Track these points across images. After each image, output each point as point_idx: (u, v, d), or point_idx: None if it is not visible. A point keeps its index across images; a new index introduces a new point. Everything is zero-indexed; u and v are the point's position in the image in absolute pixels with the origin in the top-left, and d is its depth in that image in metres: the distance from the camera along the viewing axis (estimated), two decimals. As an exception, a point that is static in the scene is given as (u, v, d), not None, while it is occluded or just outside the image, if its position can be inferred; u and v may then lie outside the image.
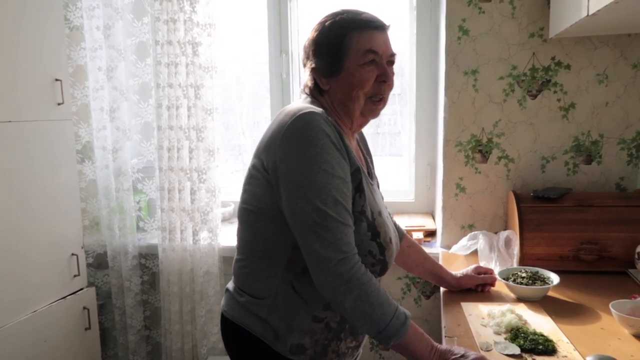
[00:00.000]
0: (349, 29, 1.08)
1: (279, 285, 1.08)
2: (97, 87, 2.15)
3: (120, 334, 2.29)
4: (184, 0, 2.00)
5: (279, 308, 1.08)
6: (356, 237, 1.03)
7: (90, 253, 2.25)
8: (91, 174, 2.23)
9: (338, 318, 1.11)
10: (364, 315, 0.99)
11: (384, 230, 1.10)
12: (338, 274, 0.96)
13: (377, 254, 1.07)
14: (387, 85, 1.11)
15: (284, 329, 1.08)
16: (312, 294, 1.05)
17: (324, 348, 1.11)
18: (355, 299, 0.97)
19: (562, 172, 1.83)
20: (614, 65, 1.74)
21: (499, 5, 1.78)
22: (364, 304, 0.98)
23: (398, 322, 1.00)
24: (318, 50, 1.10)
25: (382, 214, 1.12)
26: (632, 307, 1.19)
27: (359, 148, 1.26)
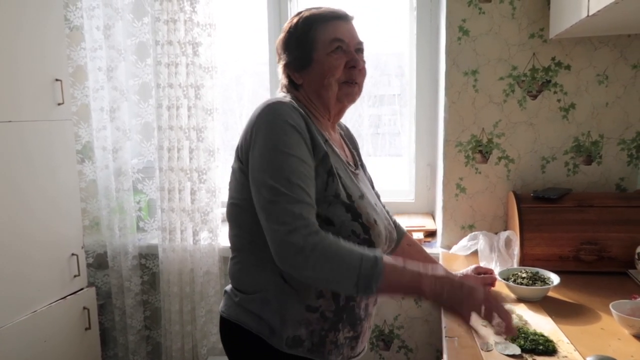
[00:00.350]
0: (314, 22, 1.14)
1: (269, 278, 1.08)
2: (97, 87, 2.15)
3: (121, 334, 2.29)
4: (184, 1, 2.00)
5: (271, 301, 1.08)
6: (336, 219, 1.05)
7: (90, 253, 2.25)
8: (91, 174, 2.23)
9: (334, 307, 1.10)
10: (330, 277, 0.97)
11: (366, 212, 1.10)
12: (290, 245, 0.95)
13: (360, 233, 1.07)
14: (357, 70, 1.14)
15: (278, 322, 1.08)
16: (303, 282, 1.06)
17: (321, 339, 1.10)
18: (314, 264, 0.95)
19: (562, 172, 1.83)
20: (614, 66, 1.74)
21: (499, 6, 1.78)
22: (325, 265, 0.95)
23: (368, 266, 0.95)
24: (288, 47, 1.16)
25: (364, 197, 1.12)
26: (632, 307, 1.19)
27: (342, 141, 1.29)
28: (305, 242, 0.95)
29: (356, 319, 1.14)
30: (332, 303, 1.09)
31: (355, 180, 1.17)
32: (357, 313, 1.13)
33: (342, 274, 0.96)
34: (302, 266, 0.96)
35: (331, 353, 1.11)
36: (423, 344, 2.07)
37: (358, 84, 1.16)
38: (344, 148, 1.26)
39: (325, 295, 1.08)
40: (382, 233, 1.13)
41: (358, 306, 1.13)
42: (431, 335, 2.05)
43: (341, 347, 1.13)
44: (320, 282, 1.01)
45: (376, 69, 2.35)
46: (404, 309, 2.05)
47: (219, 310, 1.19)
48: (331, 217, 1.05)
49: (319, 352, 1.10)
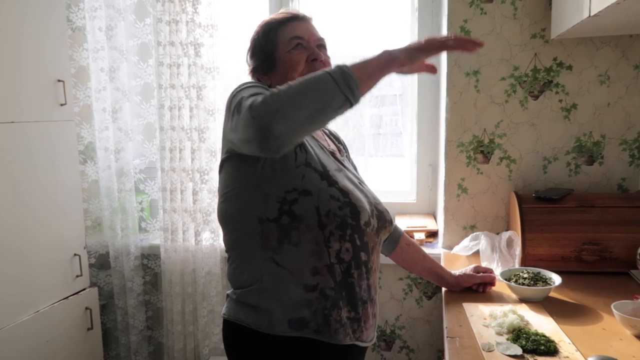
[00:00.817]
0: (272, 26, 1.22)
1: (262, 267, 1.09)
2: (100, 88, 2.16)
3: (123, 335, 2.30)
4: (186, 2, 2.01)
5: (268, 289, 1.09)
6: (313, 187, 1.07)
7: (92, 253, 2.25)
8: (93, 175, 2.24)
9: (332, 283, 1.09)
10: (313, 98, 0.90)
11: (342, 181, 1.12)
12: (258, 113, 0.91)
13: (340, 197, 1.08)
14: (319, 63, 1.18)
15: (278, 308, 1.08)
16: (295, 261, 1.07)
17: (325, 318, 1.08)
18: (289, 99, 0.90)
19: (563, 172, 1.83)
20: (616, 66, 1.74)
21: (500, 6, 1.78)
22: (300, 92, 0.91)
23: (336, 71, 0.92)
24: (253, 53, 1.25)
25: (342, 172, 1.16)
26: (634, 308, 1.19)
27: (325, 135, 1.32)
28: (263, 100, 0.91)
29: (357, 299, 1.12)
30: (330, 279, 1.08)
31: (335, 160, 1.20)
32: (358, 292, 1.12)
33: (321, 89, 0.90)
34: (280, 109, 0.90)
35: (338, 332, 1.10)
36: (424, 344, 2.07)
37: None
38: (326, 139, 1.30)
39: (320, 272, 1.08)
40: (362, 200, 1.13)
41: (357, 284, 1.12)
42: (432, 336, 2.05)
43: (346, 327, 1.11)
44: (308, 110, 0.90)
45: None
46: (406, 309, 2.06)
47: (221, 314, 1.20)
48: (307, 187, 1.07)
49: (325, 332, 1.09)
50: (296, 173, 1.08)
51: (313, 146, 1.16)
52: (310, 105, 0.90)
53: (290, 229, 1.07)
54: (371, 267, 1.16)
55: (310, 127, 0.95)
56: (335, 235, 1.08)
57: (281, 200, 1.07)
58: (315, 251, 1.07)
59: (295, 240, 1.07)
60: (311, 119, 0.92)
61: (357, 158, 1.44)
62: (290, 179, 1.07)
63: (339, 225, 1.07)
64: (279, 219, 1.07)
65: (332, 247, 1.08)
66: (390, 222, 1.25)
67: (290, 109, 0.90)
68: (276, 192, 1.07)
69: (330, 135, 1.36)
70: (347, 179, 1.16)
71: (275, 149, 0.93)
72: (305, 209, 1.06)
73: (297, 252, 1.07)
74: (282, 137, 0.91)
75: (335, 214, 1.07)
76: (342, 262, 1.09)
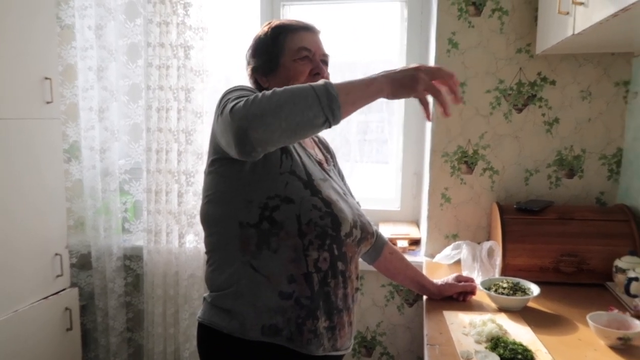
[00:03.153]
0: (283, 30, 1.20)
1: (240, 270, 1.09)
2: (87, 87, 2.15)
3: (102, 336, 2.28)
4: (177, 4, 2.01)
5: (244, 294, 1.09)
6: (296, 195, 1.08)
7: (74, 253, 2.23)
8: (77, 174, 2.22)
9: (309, 292, 1.09)
10: (293, 111, 0.91)
11: (326, 191, 1.13)
12: (238, 116, 0.92)
13: (322, 207, 1.09)
14: (321, 77, 1.18)
15: (252, 313, 1.08)
16: (272, 268, 1.08)
17: (298, 328, 1.08)
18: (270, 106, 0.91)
19: (544, 185, 1.87)
20: (597, 83, 1.79)
21: (488, 20, 1.82)
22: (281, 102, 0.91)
23: (320, 87, 0.94)
24: (256, 52, 1.23)
25: (327, 182, 1.17)
26: (608, 319, 1.22)
27: (314, 143, 1.33)
28: (248, 100, 0.93)
29: (333, 308, 1.12)
30: (306, 288, 1.09)
31: (321, 170, 1.20)
32: (334, 302, 1.13)
33: (304, 105, 0.91)
34: (260, 116, 0.91)
35: (310, 343, 1.10)
36: (405, 351, 2.09)
37: None
38: (314, 148, 1.30)
39: (297, 280, 1.08)
40: (345, 211, 1.14)
41: (334, 293, 1.12)
42: (413, 343, 2.07)
43: (321, 338, 1.11)
44: (287, 123, 0.92)
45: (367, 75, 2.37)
46: (387, 316, 2.07)
47: (196, 317, 1.20)
48: (290, 195, 1.08)
49: (298, 341, 1.09)
50: (280, 180, 1.08)
51: (300, 154, 1.16)
52: (290, 119, 0.92)
53: (270, 235, 1.07)
54: (349, 277, 1.16)
55: (287, 139, 0.96)
56: (314, 244, 1.08)
57: (263, 206, 1.07)
58: (293, 259, 1.08)
59: (274, 247, 1.08)
60: (289, 132, 0.93)
61: (342, 164, 1.45)
62: (274, 185, 1.08)
63: (318, 234, 1.08)
64: (259, 225, 1.07)
65: (310, 256, 1.08)
66: (372, 235, 1.26)
67: (270, 118, 0.91)
68: (258, 198, 1.08)
69: (320, 144, 1.37)
70: (331, 189, 1.17)
71: (249, 152, 0.96)
72: (286, 217, 1.07)
73: (275, 259, 1.08)
74: (257, 142, 0.93)
75: (316, 223, 1.07)
76: (319, 271, 1.10)
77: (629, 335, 1.15)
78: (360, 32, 2.28)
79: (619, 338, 1.15)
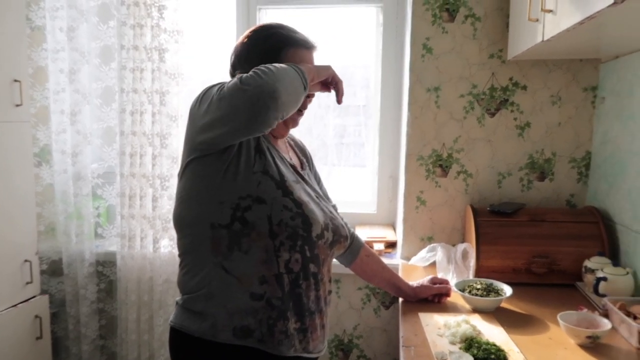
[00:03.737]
0: (285, 44, 1.18)
1: (212, 272, 1.09)
2: (58, 90, 2.10)
3: (74, 344, 2.22)
4: (152, 6, 1.99)
5: (215, 295, 1.09)
6: (267, 196, 1.08)
7: (44, 259, 2.18)
8: (48, 178, 2.17)
9: (280, 293, 1.09)
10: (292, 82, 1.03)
11: (298, 192, 1.14)
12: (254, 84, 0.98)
13: (293, 207, 1.10)
14: (309, 99, 1.22)
15: (223, 315, 1.08)
16: (244, 269, 1.08)
17: (269, 328, 1.08)
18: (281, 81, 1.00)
19: (517, 187, 1.91)
20: (567, 88, 1.84)
21: (461, 27, 1.85)
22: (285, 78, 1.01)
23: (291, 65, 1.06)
24: (251, 57, 1.18)
25: (300, 184, 1.18)
26: (578, 318, 1.25)
27: (290, 148, 1.33)
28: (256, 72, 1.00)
29: (304, 310, 1.12)
30: (278, 289, 1.09)
31: (294, 173, 1.20)
32: (305, 303, 1.13)
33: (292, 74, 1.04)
34: (279, 80, 0.99)
35: (282, 344, 1.10)
36: (381, 354, 2.10)
37: (303, 114, 1.23)
38: (289, 152, 1.29)
39: (268, 281, 1.08)
40: (316, 213, 1.14)
41: (306, 295, 1.12)
42: (389, 345, 2.09)
43: (292, 339, 1.11)
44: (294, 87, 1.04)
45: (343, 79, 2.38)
46: (364, 318, 2.08)
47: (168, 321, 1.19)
48: (261, 195, 1.08)
49: (269, 342, 1.09)
50: (253, 179, 1.09)
51: (273, 155, 1.17)
52: (294, 84, 1.04)
53: (241, 236, 1.07)
54: (321, 279, 1.17)
55: (294, 105, 1.06)
56: (286, 245, 1.09)
57: (234, 207, 1.07)
58: (264, 260, 1.08)
59: (246, 248, 1.08)
60: (296, 97, 1.05)
61: (320, 167, 1.45)
62: (246, 185, 1.08)
63: (289, 235, 1.09)
64: (230, 225, 1.07)
65: (282, 257, 1.09)
66: (345, 238, 1.26)
67: (286, 83, 1.01)
68: (230, 198, 1.08)
69: (296, 148, 1.37)
70: (303, 191, 1.17)
71: (267, 121, 1.01)
72: (258, 217, 1.07)
73: (246, 260, 1.08)
74: (282, 106, 1.01)
75: (287, 224, 1.08)
76: (290, 272, 1.10)
77: (597, 333, 1.18)
78: (337, 37, 2.29)
79: (588, 337, 1.18)
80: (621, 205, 1.61)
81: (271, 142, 1.21)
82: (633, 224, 1.53)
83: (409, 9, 1.90)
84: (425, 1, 1.85)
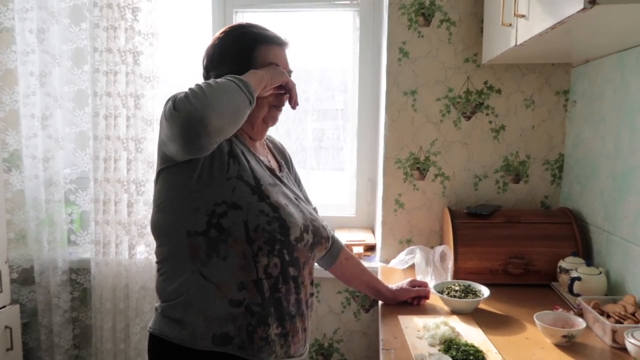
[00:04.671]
0: (257, 41, 1.17)
1: (190, 279, 1.08)
2: (29, 93, 2.04)
3: (46, 354, 2.16)
4: (126, 8, 1.96)
5: (194, 302, 1.08)
6: (243, 201, 1.07)
7: (14, 268, 2.11)
8: (18, 184, 2.11)
9: (259, 299, 1.08)
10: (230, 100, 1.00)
11: (275, 196, 1.13)
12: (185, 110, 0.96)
13: (269, 212, 1.09)
14: (286, 97, 1.21)
15: (202, 323, 1.07)
16: (222, 276, 1.07)
17: (249, 335, 1.08)
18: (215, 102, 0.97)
19: (493, 190, 1.94)
20: (540, 91, 1.87)
21: (436, 31, 1.87)
22: (220, 96, 0.98)
23: (234, 79, 1.03)
24: (224, 58, 1.18)
25: (277, 186, 1.16)
26: (554, 318, 1.28)
27: (268, 150, 1.32)
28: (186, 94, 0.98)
29: (284, 314, 1.12)
30: (257, 294, 1.08)
31: (271, 175, 1.19)
32: (285, 307, 1.12)
33: (232, 90, 1.01)
34: (210, 104, 0.96)
35: (262, 350, 1.09)
36: (362, 357, 2.10)
37: (281, 108, 1.23)
38: (267, 155, 1.28)
39: (247, 287, 1.07)
40: (294, 215, 1.13)
41: (286, 299, 1.12)
42: (369, 348, 2.09)
43: (273, 345, 1.10)
44: (232, 106, 1.00)
45: (321, 83, 2.39)
46: (344, 322, 2.08)
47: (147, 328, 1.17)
48: (237, 200, 1.07)
49: (249, 349, 1.08)
50: (227, 185, 1.08)
51: (249, 159, 1.16)
52: (232, 103, 1.00)
53: (218, 242, 1.06)
54: (302, 282, 1.16)
55: (234, 124, 1.03)
56: (264, 250, 1.08)
57: (210, 213, 1.06)
58: (243, 265, 1.07)
59: (224, 254, 1.07)
60: (234, 116, 1.01)
61: (299, 171, 1.44)
62: (221, 191, 1.07)
63: (267, 240, 1.08)
64: (207, 232, 1.06)
65: (260, 262, 1.08)
66: (327, 239, 1.26)
67: (218, 105, 0.97)
68: (205, 205, 1.07)
69: (274, 150, 1.36)
70: (281, 194, 1.16)
71: (203, 146, 0.98)
72: (234, 223, 1.06)
73: (224, 266, 1.07)
74: (214, 131, 0.97)
75: (263, 229, 1.07)
76: (269, 277, 1.09)
77: (573, 332, 1.20)
78: (314, 41, 2.30)
79: (564, 336, 1.20)
80: (593, 206, 1.65)
81: (247, 144, 1.20)
82: (605, 225, 1.57)
83: (385, 13, 1.92)
84: (401, 5, 1.87)
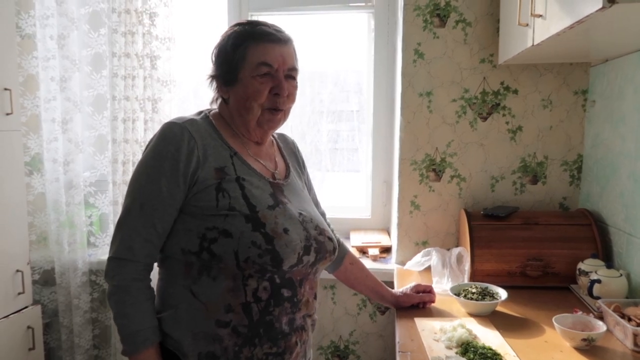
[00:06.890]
0: (244, 40, 1.11)
1: (181, 293, 1.09)
2: (49, 98, 2.09)
3: (67, 354, 2.20)
4: (143, 14, 1.99)
5: (182, 319, 1.08)
6: (235, 229, 1.04)
7: (36, 269, 2.15)
8: (40, 187, 2.15)
9: (247, 322, 1.06)
10: (116, 316, 1.09)
11: (274, 221, 1.07)
12: (107, 271, 1.08)
13: (262, 244, 1.04)
14: (281, 98, 1.12)
15: (189, 340, 1.07)
16: (210, 296, 1.06)
17: (235, 355, 1.06)
18: (116, 301, 1.08)
19: (510, 191, 1.92)
20: (557, 92, 1.85)
21: (452, 32, 1.86)
22: (119, 308, 1.08)
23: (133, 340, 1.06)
24: (218, 59, 1.15)
25: (277, 208, 1.10)
26: (573, 321, 1.26)
27: (278, 152, 1.28)
28: (115, 277, 1.08)
29: (277, 334, 1.08)
30: (245, 317, 1.06)
31: (273, 190, 1.14)
32: (278, 327, 1.08)
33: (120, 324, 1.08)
34: (108, 294, 1.09)
35: None
36: (378, 359, 2.09)
37: (284, 111, 1.15)
38: (273, 160, 1.23)
39: (234, 310, 1.06)
40: (294, 242, 1.08)
41: (278, 320, 1.08)
42: (385, 350, 2.08)
43: None
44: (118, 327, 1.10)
45: (336, 85, 2.39)
46: (360, 324, 2.07)
47: None
48: (229, 228, 1.04)
49: None
50: (217, 215, 1.06)
51: (244, 183, 1.10)
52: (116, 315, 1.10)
53: (211, 263, 1.06)
54: (299, 300, 1.12)
55: None
56: (254, 276, 1.06)
57: (202, 236, 1.05)
58: (231, 288, 1.06)
59: (214, 274, 1.06)
60: None
61: (314, 173, 1.44)
62: (212, 218, 1.05)
63: (258, 270, 1.05)
64: (199, 254, 1.06)
65: (249, 286, 1.06)
66: (332, 252, 1.19)
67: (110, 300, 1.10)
68: (197, 227, 1.06)
69: (284, 150, 1.31)
70: (282, 216, 1.10)
71: None
72: (224, 251, 1.04)
73: (213, 287, 1.06)
74: None
75: (254, 261, 1.03)
76: (259, 300, 1.06)
77: (592, 336, 1.18)
78: (329, 42, 2.30)
79: (584, 339, 1.18)
80: (613, 207, 1.63)
81: (251, 152, 1.16)
82: (625, 226, 1.54)
83: (400, 14, 1.91)
84: (416, 7, 1.86)
